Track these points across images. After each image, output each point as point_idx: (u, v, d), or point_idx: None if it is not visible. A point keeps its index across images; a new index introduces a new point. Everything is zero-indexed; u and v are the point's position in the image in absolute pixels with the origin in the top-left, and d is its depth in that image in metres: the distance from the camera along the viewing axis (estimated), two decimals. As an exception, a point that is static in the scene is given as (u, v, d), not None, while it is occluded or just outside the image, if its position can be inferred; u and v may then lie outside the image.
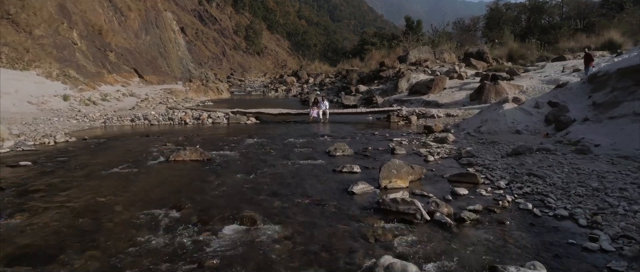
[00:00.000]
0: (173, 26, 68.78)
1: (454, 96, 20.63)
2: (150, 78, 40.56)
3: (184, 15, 79.66)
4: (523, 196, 7.04)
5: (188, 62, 69.28)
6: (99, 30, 36.56)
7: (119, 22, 43.30)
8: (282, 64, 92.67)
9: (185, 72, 64.39)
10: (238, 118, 17.84)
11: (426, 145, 11.66)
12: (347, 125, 16.88)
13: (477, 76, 24.60)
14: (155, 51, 53.46)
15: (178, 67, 61.38)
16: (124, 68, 37.28)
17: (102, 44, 35.74)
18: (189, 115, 17.91)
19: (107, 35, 37.34)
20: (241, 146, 12.09)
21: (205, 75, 69.40)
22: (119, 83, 32.50)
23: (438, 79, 22.49)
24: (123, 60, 37.71)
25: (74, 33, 32.44)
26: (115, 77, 33.45)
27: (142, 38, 49.89)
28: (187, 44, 72.90)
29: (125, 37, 42.60)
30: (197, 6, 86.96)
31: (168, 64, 56.82)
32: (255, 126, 16.94)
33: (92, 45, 34.19)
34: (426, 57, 31.57)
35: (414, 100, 22.21)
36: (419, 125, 16.32)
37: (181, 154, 10.17)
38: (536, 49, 33.39)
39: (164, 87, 34.25)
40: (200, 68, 71.47)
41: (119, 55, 37.44)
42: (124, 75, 36.19)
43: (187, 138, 13.58)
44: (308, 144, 12.34)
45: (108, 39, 37.25)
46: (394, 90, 25.01)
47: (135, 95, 27.33)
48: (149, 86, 35.93)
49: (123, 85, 30.43)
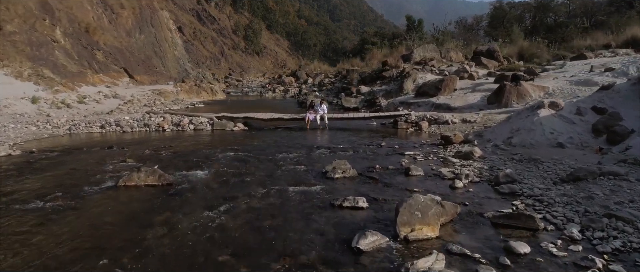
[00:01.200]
0: (170, 25, 66.30)
1: (467, 98, 18.15)
2: (141, 78, 38.09)
3: (181, 15, 77.16)
4: (615, 255, 4.60)
5: (185, 61, 66.83)
6: (86, 28, 34.10)
7: (110, 20, 40.82)
8: (281, 64, 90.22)
9: (182, 72, 61.94)
10: (224, 124, 15.38)
11: (447, 162, 9.19)
12: (349, 133, 14.41)
13: (489, 76, 22.11)
14: (150, 50, 50.98)
15: (174, 67, 58.91)
16: (113, 68, 34.81)
17: (89, 43, 33.28)
18: (167, 121, 15.45)
19: (94, 33, 34.88)
20: (218, 162, 9.62)
21: (202, 75, 66.80)
22: (104, 83, 30.03)
23: (448, 79, 20.02)
24: (112, 60, 35.24)
25: (57, 30, 29.98)
26: (101, 77, 30.98)
27: (136, 37, 47.40)
28: (184, 43, 70.43)
29: (116, 35, 40.13)
30: (195, 5, 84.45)
31: (164, 63, 54.34)
32: (242, 134, 14.47)
33: (77, 44, 31.74)
34: (432, 56, 29.07)
35: (422, 103, 19.73)
36: (431, 133, 13.84)
37: (134, 177, 7.70)
38: (546, 47, 30.94)
39: (153, 87, 31.80)
40: (197, 68, 69.02)
41: (107, 54, 34.98)
42: (112, 75, 33.72)
43: (156, 150, 11.12)
44: (301, 159, 9.87)
45: (96, 38, 34.78)
46: (399, 92, 22.52)
47: (119, 96, 24.88)
48: (138, 87, 33.47)
49: (108, 86, 27.97)
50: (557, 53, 27.09)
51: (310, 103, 16.48)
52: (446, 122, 14.67)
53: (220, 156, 10.29)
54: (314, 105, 16.08)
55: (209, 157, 10.06)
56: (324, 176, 8.21)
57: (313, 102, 16.54)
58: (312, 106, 16.10)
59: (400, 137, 13.40)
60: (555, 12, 50.37)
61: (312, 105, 16.20)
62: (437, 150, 10.67)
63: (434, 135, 13.46)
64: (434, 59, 28.56)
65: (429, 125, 14.73)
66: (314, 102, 16.40)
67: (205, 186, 7.61)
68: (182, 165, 9.27)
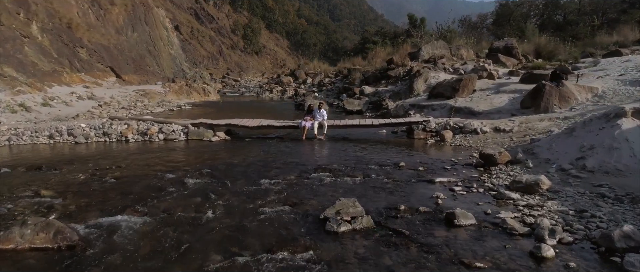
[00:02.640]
0: (166, 24, 63.20)
1: (492, 101, 15.06)
2: (129, 78, 35.03)
3: (179, 13, 74.06)
4: None
5: (182, 61, 63.74)
6: (68, 23, 31.03)
7: (97, 16, 37.72)
8: (281, 64, 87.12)
9: (179, 72, 58.93)
10: (201, 133, 12.31)
11: (503, 198, 6.11)
12: (354, 146, 11.34)
13: (511, 75, 19.03)
14: (143, 49, 47.88)
15: (170, 67, 55.85)
16: (98, 66, 31.74)
17: (70, 39, 30.20)
18: (132, 130, 12.36)
19: (77, 29, 31.80)
20: (173, 196, 6.56)
21: (199, 75, 63.88)
22: (84, 83, 26.95)
23: (467, 78, 16.94)
24: (97, 58, 32.17)
25: (34, 25, 26.92)
26: (82, 77, 27.91)
27: (128, 35, 44.29)
28: (181, 42, 67.35)
29: (104, 32, 37.03)
30: (193, 4, 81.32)
31: (158, 63, 51.25)
32: (221, 146, 11.40)
33: (57, 40, 28.66)
34: (442, 54, 25.97)
35: (437, 106, 16.64)
36: (458, 146, 10.77)
37: (15, 235, 4.65)
38: (562, 45, 27.91)
39: (139, 88, 28.70)
40: (194, 68, 65.99)
41: (92, 52, 31.90)
42: (96, 74, 30.65)
43: (98, 173, 8.04)
44: (289, 190, 6.80)
45: (79, 34, 31.70)
46: (409, 93, 19.43)
47: (96, 98, 21.79)
48: (124, 87, 30.41)
49: (86, 86, 24.88)
50: (584, 50, 24.00)
51: (308, 107, 13.39)
52: (474, 130, 11.57)
53: (180, 184, 7.23)
54: (312, 110, 13.00)
55: (162, 188, 7.00)
56: (322, 227, 5.14)
57: (311, 105, 13.45)
58: (310, 111, 13.02)
59: (420, 151, 10.33)
60: (565, 9, 47.56)
61: (310, 109, 13.12)
62: (478, 174, 7.60)
63: (462, 149, 10.39)
64: (445, 56, 25.47)
65: (453, 135, 11.65)
66: (312, 106, 13.33)
67: (129, 253, 4.55)
68: (117, 202, 6.21)
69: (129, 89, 27.32)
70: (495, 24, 48.97)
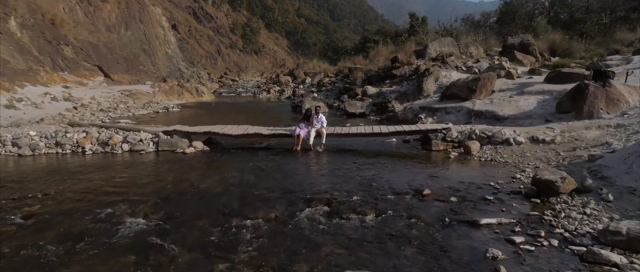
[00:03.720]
0: (162, 22, 60.89)
1: (517, 104, 12.72)
2: (119, 77, 32.72)
3: (177, 12, 71.64)
4: None
5: (179, 60, 61.37)
6: (52, 20, 28.69)
7: (86, 12, 35.35)
8: (280, 63, 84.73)
9: (176, 71, 56.65)
10: (174, 143, 9.99)
11: (601, 263, 3.83)
12: (358, 160, 9.02)
13: (532, 74, 16.71)
14: (137, 48, 45.53)
15: (166, 66, 53.54)
16: (84, 65, 29.43)
17: (54, 36, 27.88)
18: (91, 139, 10.04)
19: (62, 26, 29.46)
20: (88, 251, 4.26)
21: (197, 75, 61.63)
22: (67, 83, 24.66)
23: (485, 78, 14.62)
24: (83, 56, 29.86)
25: (12, 21, 24.64)
26: (64, 76, 25.61)
27: (121, 33, 41.95)
28: (179, 41, 64.95)
29: (93, 30, 34.69)
30: (192, 3, 78.87)
31: (153, 62, 48.92)
32: (194, 161, 9.08)
33: (39, 37, 26.36)
34: (450, 51, 23.63)
35: (451, 109, 14.31)
36: (489, 162, 8.45)
37: None
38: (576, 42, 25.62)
39: (126, 88, 26.37)
40: (192, 67, 63.66)
41: (77, 50, 29.59)
42: (81, 73, 28.35)
43: (6, 206, 5.74)
44: (268, 243, 4.49)
45: (64, 31, 29.37)
46: (418, 94, 17.10)
47: (73, 99, 19.46)
48: (112, 87, 28.11)
49: (66, 87, 22.55)
50: (608, 47, 21.70)
51: (305, 113, 10.94)
52: (506, 141, 9.25)
53: (113, 229, 4.92)
54: (309, 115, 10.62)
55: (82, 236, 4.68)
56: None
57: (309, 110, 11.00)
58: (307, 116, 10.63)
59: (443, 169, 7.99)
60: (571, 7, 45.36)
61: (307, 114, 10.70)
62: (538, 211, 5.28)
63: (496, 165, 8.06)
64: (453, 54, 23.13)
65: (481, 146, 9.32)
66: (311, 110, 10.89)
67: None
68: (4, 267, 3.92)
69: (114, 89, 24.99)
70: (498, 22, 46.70)
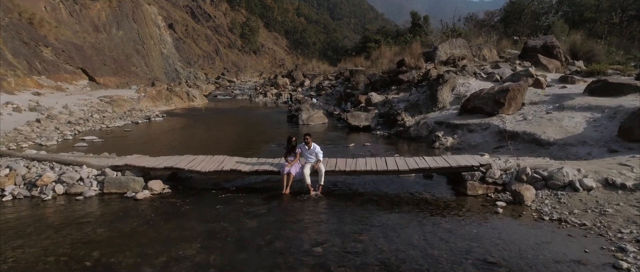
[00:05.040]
0: (158, 21, 58.04)
1: (561, 123, 10.11)
2: (106, 80, 30.10)
3: (173, 11, 68.88)
4: None
5: (175, 60, 58.62)
6: (30, 19, 26.05)
7: (71, 11, 32.62)
8: (279, 63, 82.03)
9: (172, 72, 54.02)
10: (125, 183, 7.37)
11: None
12: (371, 212, 6.45)
13: (564, 82, 14.11)
14: (130, 48, 42.83)
15: (160, 67, 50.80)
16: (66, 68, 26.80)
17: (32, 37, 25.23)
18: (14, 177, 7.41)
19: (42, 26, 26.79)
20: None
21: (194, 75, 59.04)
22: (43, 88, 22.07)
23: (515, 89, 12.01)
24: (65, 58, 27.20)
25: (-18, 21, 22.04)
26: (40, 80, 22.96)
27: (111, 33, 39.22)
28: (175, 41, 62.20)
29: (78, 30, 31.99)
30: (189, 2, 76.02)
31: (147, 62, 46.20)
32: (142, 215, 6.46)
33: (14, 38, 23.71)
34: (462, 54, 21.00)
35: (475, 126, 11.70)
36: (550, 217, 5.89)
37: None
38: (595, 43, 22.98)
39: (107, 93, 23.71)
40: (189, 67, 61.02)
41: (59, 52, 26.94)
42: (62, 77, 25.72)
43: None
44: None
45: (43, 32, 26.71)
46: (431, 105, 14.48)
47: (41, 109, 16.80)
48: (95, 91, 25.49)
49: (37, 93, 19.88)
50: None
51: (289, 142, 7.82)
52: (570, 185, 6.65)
53: None
54: (295, 146, 7.81)
55: None
56: None
57: (292, 141, 7.83)
58: (293, 147, 7.80)
59: (492, 236, 5.39)
60: (581, 6, 42.68)
61: (293, 145, 7.81)
62: None
63: (570, 231, 5.45)
64: (466, 57, 20.50)
65: (535, 191, 6.70)
66: (293, 141, 7.80)
67: None
68: None
69: (94, 96, 22.34)
70: (503, 21, 44.07)
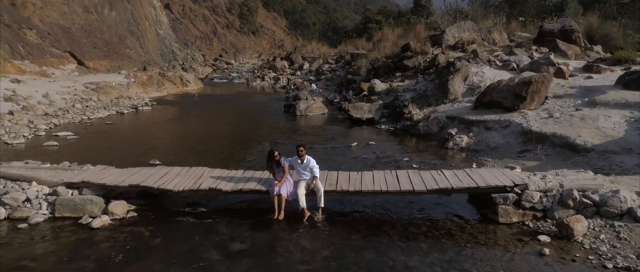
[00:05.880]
0: (153, 1, 55.78)
1: (596, 123, 8.65)
2: (96, 64, 28.44)
3: (170, -10, 66.33)
4: None
5: (172, 42, 56.59)
6: (12, 1, 24.26)
7: (59, -9, 30.64)
8: (278, 44, 79.79)
9: (168, 53, 52.09)
10: (80, 205, 5.97)
11: None
12: (386, 250, 5.08)
13: (589, 72, 12.61)
14: (124, 30, 40.87)
15: (156, 48, 48.86)
16: (52, 52, 25.12)
17: (14, 19, 23.45)
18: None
19: (25, 7, 24.99)
20: None
21: (191, 57, 57.18)
22: (25, 73, 20.48)
23: (539, 81, 10.52)
24: (51, 41, 25.49)
25: (-44, 1, 20.27)
26: (22, 66, 21.33)
27: (103, 14, 37.23)
28: (172, 22, 60.01)
29: (66, 11, 30.12)
30: (186, -19, 73.36)
31: (142, 44, 44.26)
32: (100, 250, 5.08)
33: (-6, 20, 22.01)
34: (471, 38, 19.36)
35: (494, 124, 10.25)
36: (607, 258, 4.51)
37: None
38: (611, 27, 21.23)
39: (94, 79, 22.09)
40: (186, 49, 59.00)
41: (44, 35, 25.20)
42: (48, 61, 24.09)
43: None
44: None
45: (27, 13, 24.92)
46: (442, 97, 12.96)
47: (17, 98, 15.25)
48: (83, 77, 23.91)
49: (16, 80, 18.25)
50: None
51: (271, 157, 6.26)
52: (629, 213, 5.26)
53: None
54: (280, 161, 6.22)
55: None
56: None
57: (274, 155, 6.23)
58: (276, 162, 6.23)
59: (521, 261, 4.07)
60: (590, -15, 40.54)
61: (276, 158, 6.22)
62: None
63: None
64: (475, 41, 18.89)
65: (585, 220, 5.30)
66: (275, 155, 6.21)
67: None
68: None
69: (79, 82, 20.74)
70: (508, 1, 42.00)
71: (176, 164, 8.93)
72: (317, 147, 10.35)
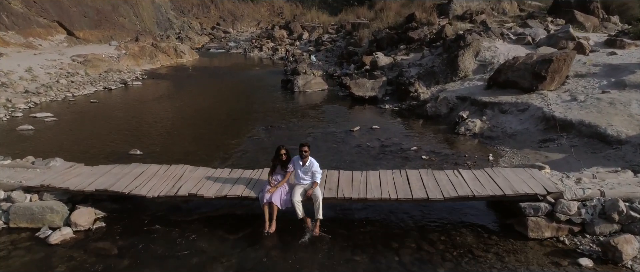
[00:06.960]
0: (148, -33, 53.19)
1: (629, 109, 7.60)
2: (86, 34, 26.95)
3: (165, -45, 63.29)
4: None
5: (168, 9, 54.38)
6: (-8, -35, 22.51)
7: (44, -44, 28.69)
8: (278, 12, 77.01)
9: (164, 22, 50.12)
10: (38, 215, 5.05)
11: None
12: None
13: (612, 47, 11.43)
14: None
15: (151, 17, 46.86)
16: (39, 21, 23.66)
17: (-3, -13, 21.91)
18: None
19: (8, -27, 23.27)
20: None
21: (188, 25, 55.19)
22: (9, 46, 19.19)
23: (560, 59, 9.38)
24: (37, 11, 23.96)
25: None
26: (7, 38, 19.98)
27: (95, -20, 35.26)
28: (167, -12, 57.56)
29: (53, -23, 28.29)
30: (182, -55, 69.96)
31: (136, 12, 42.35)
32: None
33: (-26, -12, 20.47)
34: (481, 7, 17.99)
35: (509, 106, 9.20)
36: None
37: None
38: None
39: (83, 51, 20.73)
40: (182, 17, 56.81)
41: (30, 4, 23.65)
42: (34, 32, 22.68)
43: None
44: None
45: (10, -20, 23.25)
46: (451, 74, 11.82)
47: (-3, 74, 14.15)
48: (73, 48, 22.56)
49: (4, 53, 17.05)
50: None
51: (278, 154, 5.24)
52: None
53: None
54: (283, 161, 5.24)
55: None
56: None
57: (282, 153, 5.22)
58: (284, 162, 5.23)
59: None
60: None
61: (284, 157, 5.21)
62: None
63: None
64: (484, 11, 17.53)
65: (636, 241, 4.39)
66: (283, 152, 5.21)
67: None
68: None
69: (66, 54, 19.45)
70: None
71: (158, 153, 7.98)
72: (315, 133, 9.34)
